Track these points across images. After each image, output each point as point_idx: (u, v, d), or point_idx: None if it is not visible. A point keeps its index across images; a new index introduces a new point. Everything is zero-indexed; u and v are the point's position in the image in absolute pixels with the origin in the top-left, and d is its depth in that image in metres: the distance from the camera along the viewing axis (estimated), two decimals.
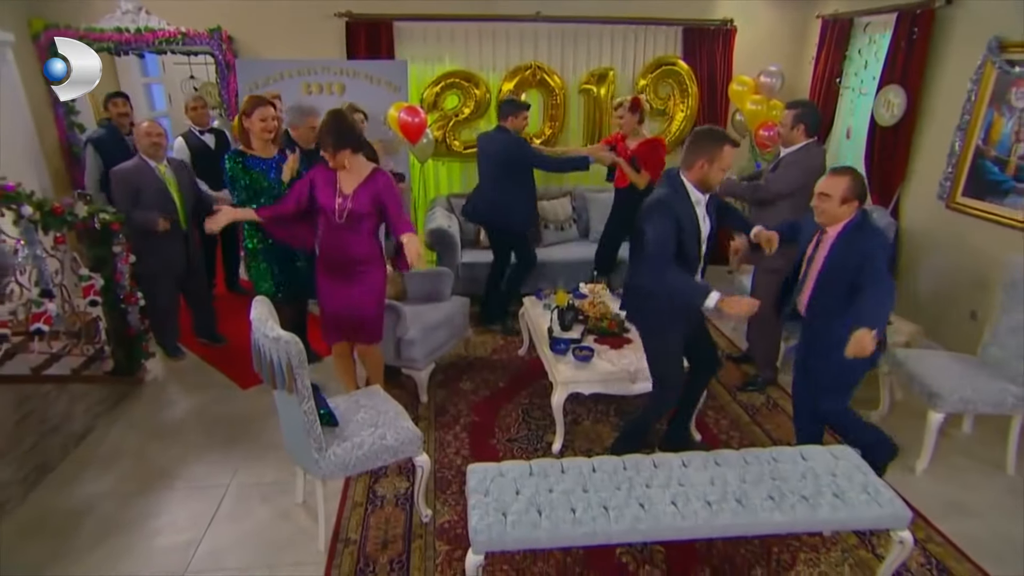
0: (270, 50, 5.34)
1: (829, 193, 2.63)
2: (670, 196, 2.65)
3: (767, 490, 2.31)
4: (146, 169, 3.84)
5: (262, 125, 3.33)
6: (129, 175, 3.80)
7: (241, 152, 3.37)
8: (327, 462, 2.52)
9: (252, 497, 3.00)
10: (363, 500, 2.96)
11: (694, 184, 2.67)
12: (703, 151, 2.62)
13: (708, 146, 2.62)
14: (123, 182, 3.79)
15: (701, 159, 2.62)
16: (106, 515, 2.89)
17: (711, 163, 2.61)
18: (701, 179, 2.65)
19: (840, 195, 2.60)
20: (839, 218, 2.65)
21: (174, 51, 5.25)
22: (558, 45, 5.65)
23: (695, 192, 2.68)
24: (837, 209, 2.63)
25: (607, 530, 2.16)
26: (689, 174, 2.67)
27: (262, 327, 2.40)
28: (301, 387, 2.35)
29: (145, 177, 3.82)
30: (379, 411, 2.80)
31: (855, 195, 2.61)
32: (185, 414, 3.74)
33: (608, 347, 3.48)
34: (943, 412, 3.04)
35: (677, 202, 2.64)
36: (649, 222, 2.62)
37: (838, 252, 2.66)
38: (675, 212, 2.61)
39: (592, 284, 4.20)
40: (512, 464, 2.45)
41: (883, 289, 2.51)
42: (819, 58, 5.20)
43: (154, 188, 3.83)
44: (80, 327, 3.58)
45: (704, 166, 2.62)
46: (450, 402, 3.81)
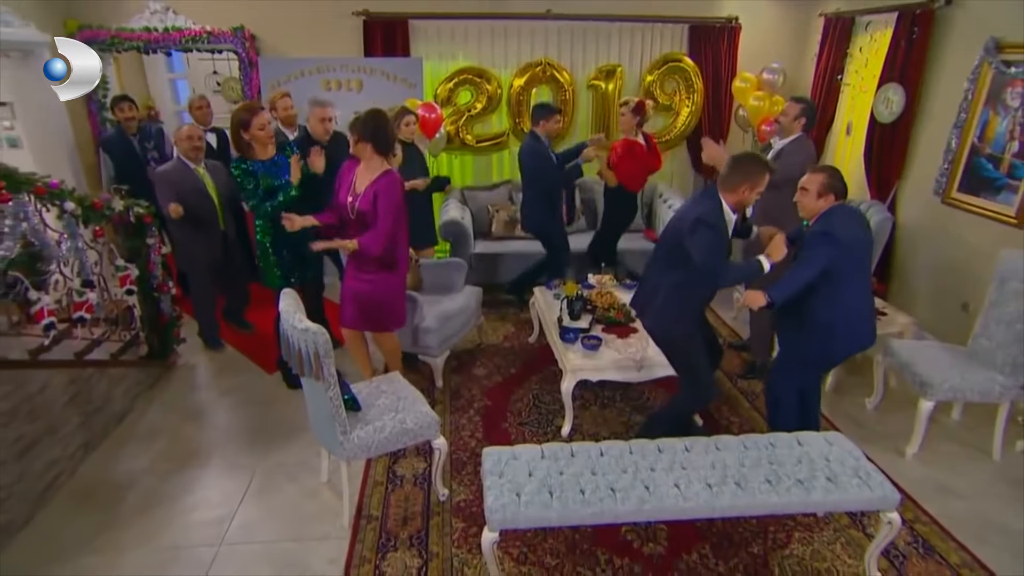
0: (291, 48, 5.38)
1: (807, 187, 2.74)
2: (713, 213, 2.69)
3: (764, 474, 2.37)
4: (185, 171, 3.92)
5: (262, 133, 3.34)
6: (169, 176, 3.89)
7: (243, 159, 3.36)
8: (351, 444, 2.61)
9: (279, 476, 3.10)
10: (384, 480, 3.06)
11: (731, 205, 2.73)
12: (748, 177, 2.67)
13: (754, 173, 2.67)
14: (164, 183, 3.87)
15: (745, 185, 2.67)
16: (147, 489, 3.01)
17: (752, 189, 2.69)
18: (739, 201, 2.72)
19: (816, 189, 2.71)
20: (816, 211, 2.74)
21: (199, 49, 5.30)
22: (568, 42, 5.64)
23: (728, 211, 2.74)
24: (814, 203, 2.73)
25: (614, 510, 2.24)
26: (729, 196, 2.71)
27: (290, 319, 2.48)
28: (327, 375, 2.43)
29: (185, 178, 3.90)
30: (399, 397, 2.88)
31: (829, 189, 2.70)
32: (215, 397, 3.84)
33: (615, 336, 3.54)
34: (933, 400, 3.09)
35: (718, 218, 2.70)
36: (697, 236, 2.64)
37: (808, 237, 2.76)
38: (715, 223, 2.67)
39: (600, 275, 4.26)
40: (525, 448, 2.53)
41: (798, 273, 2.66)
42: (821, 55, 5.18)
43: (193, 188, 3.91)
44: (117, 314, 3.68)
45: (746, 192, 2.69)
46: (464, 387, 3.89)
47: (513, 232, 5.42)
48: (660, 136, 5.86)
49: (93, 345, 3.41)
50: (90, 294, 3.21)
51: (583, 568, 2.55)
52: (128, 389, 3.61)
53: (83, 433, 3.17)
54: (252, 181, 3.35)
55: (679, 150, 6.07)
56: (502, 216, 5.46)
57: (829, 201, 2.72)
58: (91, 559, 2.60)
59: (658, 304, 2.92)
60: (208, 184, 3.99)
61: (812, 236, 2.70)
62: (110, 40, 4.99)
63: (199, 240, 4.01)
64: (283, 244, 3.50)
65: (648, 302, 3.00)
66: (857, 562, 2.56)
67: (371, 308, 3.30)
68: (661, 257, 2.96)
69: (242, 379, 4.01)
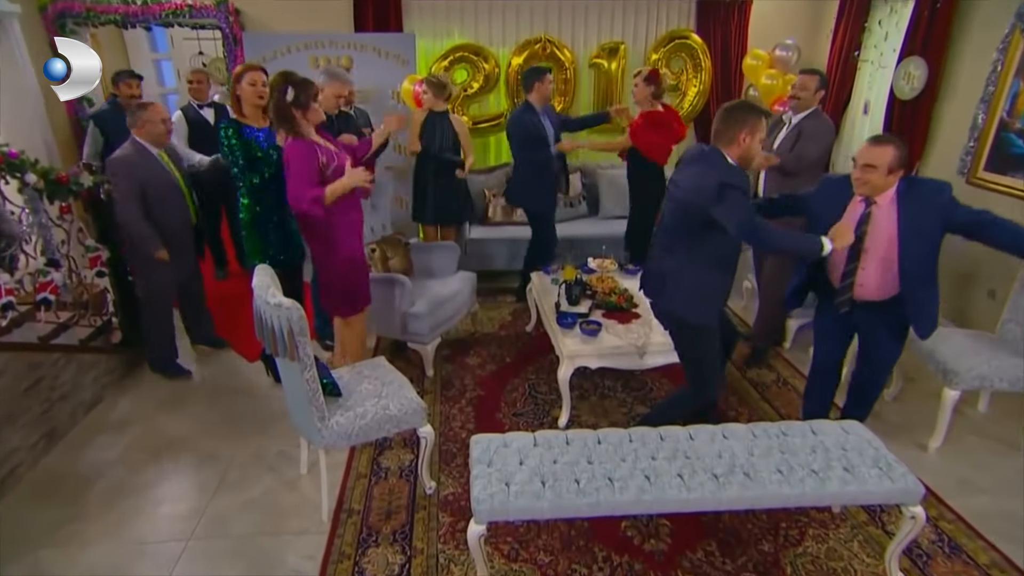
0: (277, 23, 5.28)
1: (874, 164, 2.48)
2: (732, 173, 2.49)
3: (775, 463, 2.26)
4: (151, 159, 3.38)
5: (252, 90, 3.22)
6: (133, 168, 3.30)
7: (235, 121, 3.24)
8: (329, 431, 2.50)
9: (257, 467, 3.01)
10: (367, 472, 2.95)
11: (734, 160, 2.52)
12: (743, 123, 2.47)
13: (750, 118, 2.48)
14: (127, 177, 3.29)
15: (743, 131, 2.47)
16: (115, 481, 2.91)
17: (752, 135, 2.48)
18: (743, 154, 2.51)
19: (887, 165, 2.47)
20: (882, 188, 2.53)
21: (181, 24, 5.19)
22: (568, 18, 5.54)
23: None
24: (883, 180, 2.50)
25: (611, 501, 2.12)
26: (731, 149, 2.51)
27: (264, 294, 2.37)
28: (303, 354, 2.32)
29: (152, 169, 3.37)
30: (383, 382, 2.78)
31: (901, 164, 2.50)
32: (192, 386, 3.74)
33: (616, 321, 3.43)
34: (959, 389, 2.97)
35: (740, 177, 2.50)
36: (726, 203, 2.42)
37: (909, 216, 2.52)
38: (739, 183, 2.47)
39: (600, 259, 4.15)
40: (516, 435, 2.42)
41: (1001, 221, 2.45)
42: (837, 31, 5.06)
43: (163, 182, 3.41)
44: (87, 298, 3.58)
45: (746, 138, 2.48)
46: (456, 376, 3.79)
47: (511, 218, 5.31)
48: None
49: (60, 329, 3.31)
50: (55, 274, 3.11)
51: (579, 566, 2.43)
52: (98, 377, 3.51)
53: (46, 422, 3.07)
54: (240, 146, 3.17)
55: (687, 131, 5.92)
56: (499, 200, 5.35)
57: (898, 176, 2.51)
58: (50, 552, 2.50)
59: (679, 288, 2.67)
60: (174, 171, 3.51)
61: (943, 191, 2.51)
62: (85, 13, 4.88)
63: (171, 252, 3.46)
64: (268, 220, 3.36)
65: (662, 285, 2.75)
66: (877, 561, 2.43)
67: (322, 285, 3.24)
68: (672, 236, 2.70)
69: (222, 368, 3.92)
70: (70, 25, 4.93)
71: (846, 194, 2.64)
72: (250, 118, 3.28)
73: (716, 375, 2.87)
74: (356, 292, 3.24)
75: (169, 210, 3.46)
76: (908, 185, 2.55)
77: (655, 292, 2.82)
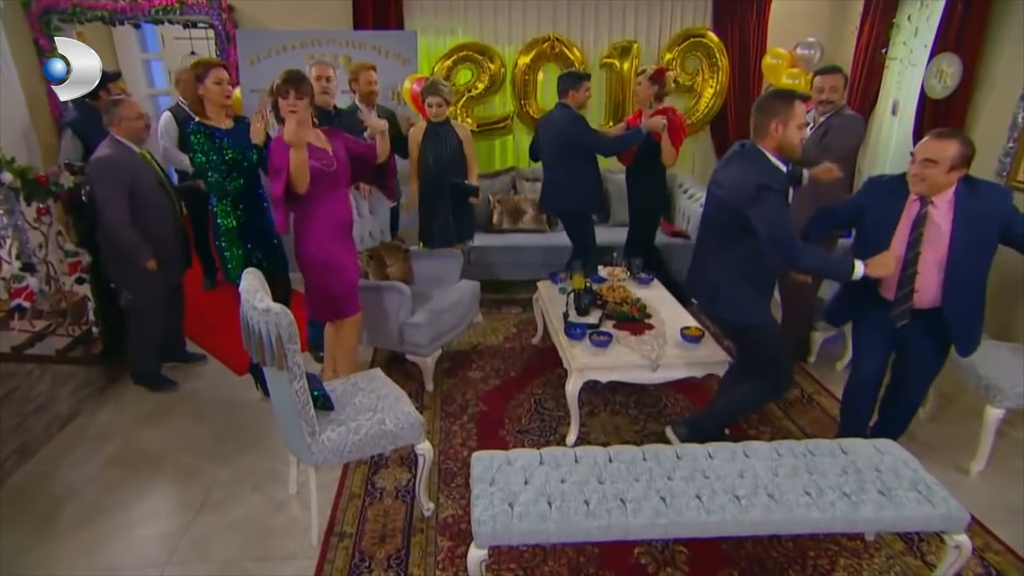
0: (272, 20, 5.29)
1: (935, 159, 2.41)
2: (772, 174, 2.49)
3: (802, 485, 2.18)
4: (134, 158, 3.32)
5: (219, 89, 3.15)
6: (118, 168, 3.23)
7: (203, 124, 3.12)
8: (320, 447, 2.44)
9: (243, 486, 2.94)
10: (361, 492, 2.88)
11: (773, 153, 2.53)
12: (773, 112, 2.48)
13: (777, 106, 2.48)
14: (113, 178, 3.21)
15: (773, 121, 2.48)
16: (89, 501, 2.85)
17: (785, 124, 2.47)
18: (780, 144, 2.51)
19: (949, 162, 2.40)
20: (941, 187, 2.46)
21: (171, 21, 5.21)
22: (578, 16, 5.53)
23: (777, 162, 2.54)
24: (943, 177, 2.43)
25: (624, 524, 2.05)
26: (766, 142, 2.52)
27: (251, 299, 2.32)
28: (291, 363, 2.27)
29: (137, 169, 3.30)
30: (379, 395, 2.72)
31: (964, 162, 2.43)
32: (176, 399, 3.68)
33: (628, 333, 3.36)
34: (1003, 408, 2.88)
35: (778, 180, 2.49)
36: (762, 205, 2.43)
37: (966, 222, 2.45)
38: (778, 185, 2.46)
39: (611, 267, 4.09)
40: (521, 452, 2.36)
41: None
42: (863, 27, 5.01)
43: (148, 183, 3.34)
44: (66, 306, 3.54)
45: (779, 128, 2.48)
46: (457, 390, 3.73)
47: (516, 224, 5.27)
48: None
49: (35, 339, 3.26)
50: (31, 280, 3.07)
51: None
52: (76, 389, 3.46)
53: (18, 436, 3.02)
54: (214, 150, 3.08)
55: (702, 135, 5.92)
56: (505, 206, 5.31)
57: (959, 175, 2.45)
58: None
59: (728, 292, 2.72)
60: (157, 171, 3.46)
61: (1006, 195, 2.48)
62: (71, 9, 4.91)
63: (159, 260, 3.39)
64: (251, 226, 3.30)
65: (714, 293, 2.79)
66: None
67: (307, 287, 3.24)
68: (714, 236, 2.76)
69: (208, 381, 3.87)
70: (55, 22, 4.96)
71: (900, 194, 2.58)
72: (214, 119, 3.20)
73: (788, 365, 2.89)
74: (334, 296, 3.18)
75: (156, 214, 3.39)
76: (968, 187, 2.48)
77: (702, 297, 2.89)
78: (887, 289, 2.69)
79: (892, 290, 2.66)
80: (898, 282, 2.61)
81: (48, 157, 4.97)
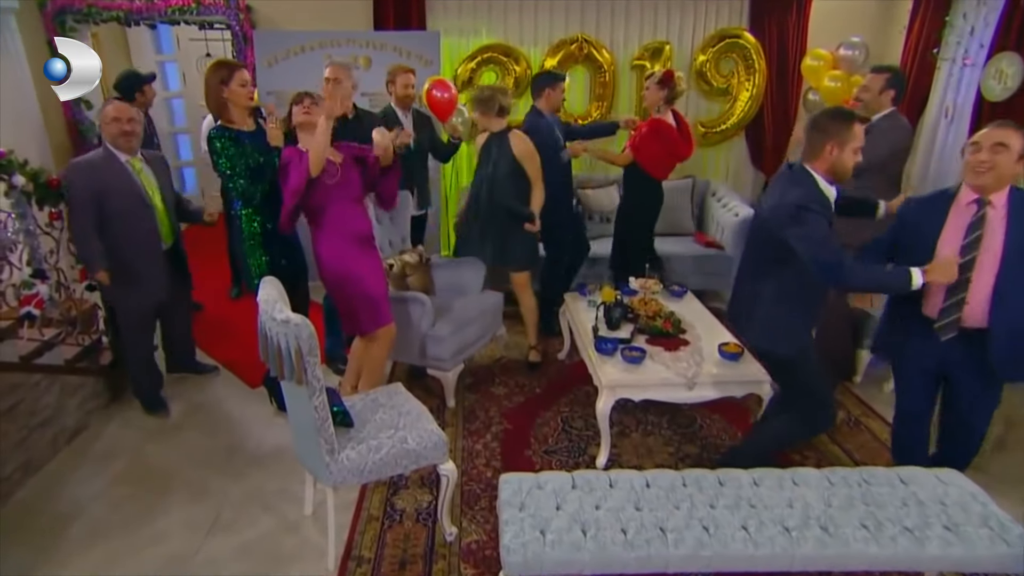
0: (290, 20, 5.32)
1: (1007, 143, 2.34)
2: (806, 195, 2.45)
3: (858, 517, 2.10)
4: (115, 163, 3.24)
5: (244, 91, 3.16)
6: (93, 170, 3.19)
7: (226, 128, 3.14)
8: (339, 467, 2.40)
9: (255, 506, 2.92)
10: (380, 514, 2.84)
11: (823, 175, 2.49)
12: (830, 133, 2.44)
13: (834, 127, 2.44)
14: (80, 183, 3.17)
15: (829, 142, 2.44)
16: (96, 519, 2.83)
17: (841, 146, 2.43)
18: (831, 167, 2.47)
19: (1021, 147, 2.33)
20: (1006, 180, 2.39)
21: (188, 21, 5.26)
22: (608, 16, 5.50)
23: (826, 185, 2.49)
24: (1012, 166, 2.35)
25: (664, 555, 1.99)
26: (817, 164, 2.48)
27: (270, 309, 2.30)
28: (311, 377, 2.24)
29: (113, 174, 3.22)
30: (400, 412, 2.68)
31: None
32: (187, 413, 3.68)
33: (662, 348, 3.30)
34: None
35: (819, 200, 2.45)
36: (801, 227, 2.40)
37: (1019, 226, 2.37)
38: (820, 208, 2.42)
39: (643, 279, 4.03)
40: (552, 475, 2.31)
41: None
42: (912, 26, 4.92)
43: (125, 193, 3.23)
44: (76, 314, 3.54)
45: (833, 150, 2.44)
46: (480, 407, 3.69)
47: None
48: (715, 125, 5.71)
49: (43, 348, 3.27)
50: (41, 287, 3.08)
51: None
52: (83, 402, 3.46)
53: (23, 452, 3.01)
54: (240, 155, 3.08)
55: (736, 141, 5.85)
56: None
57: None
58: None
59: (761, 316, 2.68)
60: (147, 183, 3.32)
61: None
62: (86, 9, 4.97)
63: (135, 274, 3.30)
64: (274, 235, 3.28)
65: (747, 314, 2.77)
66: None
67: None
68: (753, 259, 2.74)
69: (220, 393, 3.86)
70: (70, 22, 5.02)
71: (940, 206, 2.52)
72: (239, 122, 3.21)
73: (828, 399, 2.79)
74: (355, 308, 3.20)
75: (128, 227, 3.25)
76: (1019, 194, 2.41)
77: (739, 323, 2.88)
78: (931, 306, 2.58)
79: (936, 306, 2.55)
80: (947, 290, 2.51)
81: (59, 158, 5.02)
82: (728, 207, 5.24)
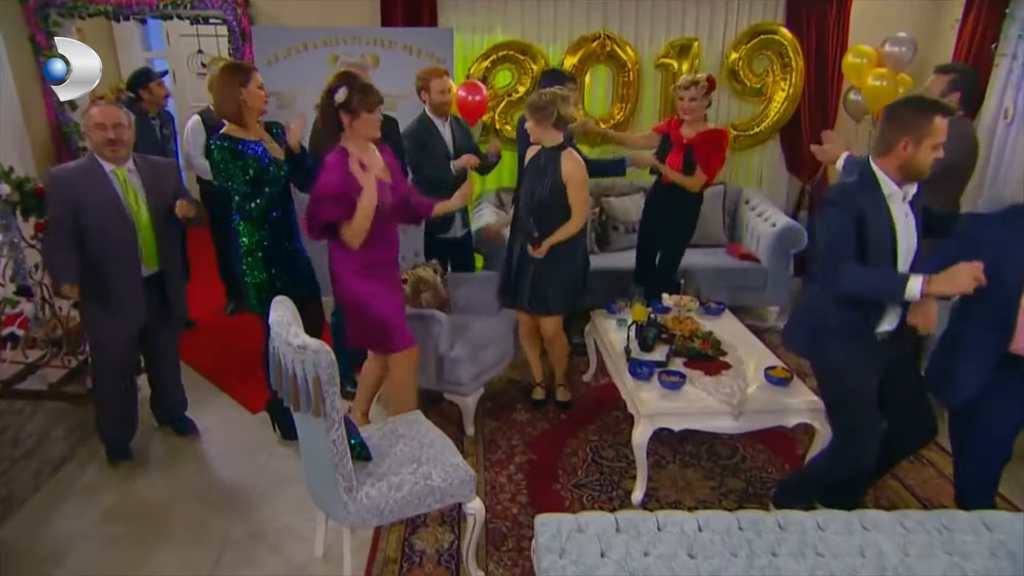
0: (292, 16, 5.28)
1: None
2: (853, 185, 2.37)
3: (943, 569, 2.02)
4: (96, 173, 3.06)
5: (260, 94, 3.09)
6: (71, 179, 3.04)
7: (228, 137, 3.04)
8: (358, 506, 2.32)
9: (260, 545, 2.86)
10: (397, 556, 2.77)
11: (891, 172, 2.36)
12: (906, 127, 2.29)
13: (912, 119, 2.29)
14: (58, 195, 3.03)
15: (904, 138, 2.29)
16: (83, 561, 2.77)
17: (917, 142, 2.28)
18: (903, 164, 2.33)
19: None
20: None
21: (181, 16, 5.22)
22: (631, 11, 5.45)
23: (889, 183, 2.37)
24: None
25: None
26: (885, 160, 2.36)
27: (284, 333, 2.22)
28: (330, 408, 2.16)
29: (92, 185, 3.04)
30: (422, 444, 2.61)
31: None
32: (182, 442, 3.61)
33: (702, 372, 3.23)
34: None
35: (862, 193, 2.35)
36: (821, 219, 2.35)
37: None
38: (856, 205, 2.31)
39: (678, 295, 3.96)
40: (593, 516, 2.22)
41: None
42: (966, 19, 4.87)
43: (102, 201, 3.04)
44: (62, 334, 3.47)
45: (908, 146, 2.29)
46: (502, 435, 3.63)
47: None
48: (748, 128, 5.67)
49: (27, 371, 3.20)
50: (25, 304, 3.01)
51: None
52: (70, 430, 3.39)
53: (5, 484, 2.94)
54: (239, 168, 3.00)
55: (769, 145, 5.80)
56: None
57: None
58: None
59: (800, 318, 2.69)
60: (131, 196, 3.10)
61: None
62: (72, 3, 4.94)
63: (111, 297, 3.11)
64: (276, 250, 3.23)
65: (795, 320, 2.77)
66: None
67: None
68: (816, 261, 2.69)
69: (218, 419, 3.80)
70: (53, 16, 4.97)
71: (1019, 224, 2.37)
72: (251, 129, 3.14)
73: (867, 431, 2.59)
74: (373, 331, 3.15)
75: (108, 243, 3.08)
76: None
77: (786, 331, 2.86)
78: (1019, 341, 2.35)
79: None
80: None
81: (42, 164, 4.98)
82: (764, 216, 5.18)
